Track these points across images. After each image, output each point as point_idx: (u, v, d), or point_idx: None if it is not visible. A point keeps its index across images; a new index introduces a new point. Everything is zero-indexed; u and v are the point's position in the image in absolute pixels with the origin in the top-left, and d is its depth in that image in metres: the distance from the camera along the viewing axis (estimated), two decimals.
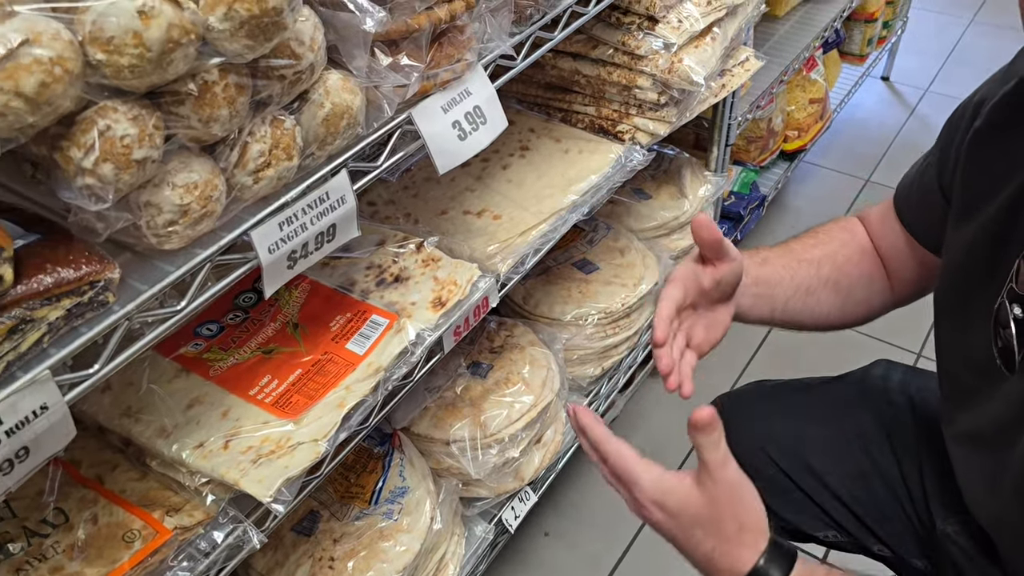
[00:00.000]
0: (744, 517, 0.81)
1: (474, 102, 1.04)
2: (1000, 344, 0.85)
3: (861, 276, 1.10)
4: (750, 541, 0.80)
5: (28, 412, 0.68)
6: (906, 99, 3.28)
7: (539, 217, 1.33)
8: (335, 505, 1.35)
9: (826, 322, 1.13)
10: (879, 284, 1.10)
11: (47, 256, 0.71)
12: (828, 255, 1.10)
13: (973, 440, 0.95)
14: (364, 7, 0.85)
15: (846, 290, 1.10)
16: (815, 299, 1.09)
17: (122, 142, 0.69)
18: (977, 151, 0.90)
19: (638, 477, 0.82)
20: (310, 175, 0.89)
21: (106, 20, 0.64)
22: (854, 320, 1.13)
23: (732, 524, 0.80)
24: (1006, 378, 0.84)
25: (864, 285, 1.10)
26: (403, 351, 1.04)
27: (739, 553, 0.80)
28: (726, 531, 0.80)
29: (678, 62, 1.44)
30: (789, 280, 1.09)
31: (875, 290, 1.10)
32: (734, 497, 0.81)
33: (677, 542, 0.84)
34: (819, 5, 2.45)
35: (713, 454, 0.79)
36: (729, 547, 0.80)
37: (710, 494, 0.80)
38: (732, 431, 1.27)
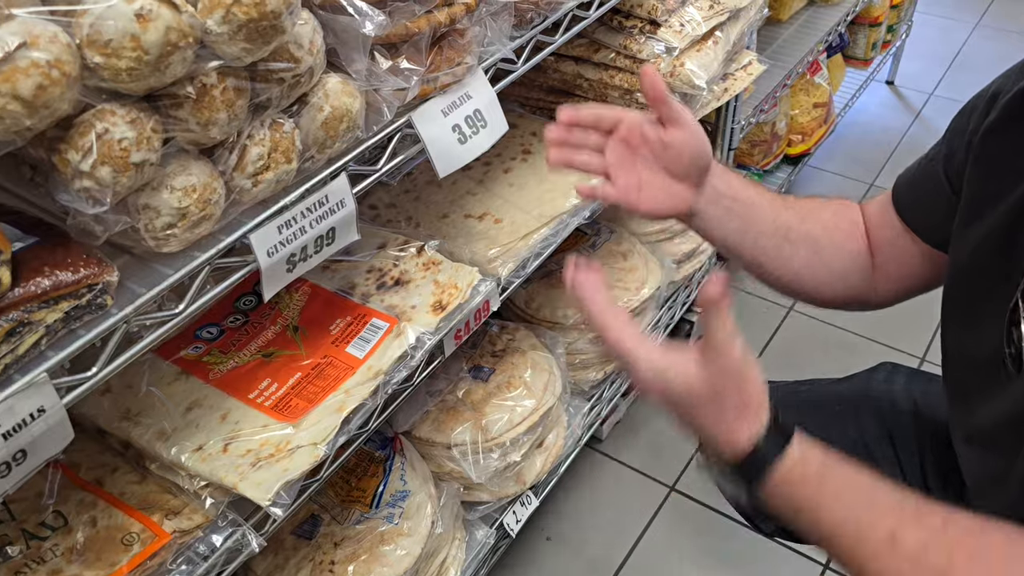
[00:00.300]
0: (746, 394, 0.79)
1: (474, 106, 1.03)
2: (1013, 346, 0.84)
3: (844, 247, 1.06)
4: (750, 417, 0.79)
5: (25, 415, 0.68)
6: (911, 103, 3.27)
7: (540, 221, 1.33)
8: (336, 509, 1.35)
9: (795, 280, 1.08)
10: (862, 264, 1.06)
11: (45, 259, 0.72)
12: (815, 213, 1.07)
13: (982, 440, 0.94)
14: (363, 11, 0.85)
15: (827, 254, 1.06)
16: (790, 248, 1.04)
17: (120, 145, 0.69)
18: (990, 146, 0.89)
19: (636, 359, 0.80)
20: (309, 178, 0.89)
21: (104, 23, 0.64)
22: (827, 293, 1.08)
23: (733, 400, 0.79)
24: (1016, 378, 0.84)
25: (845, 258, 1.06)
26: (403, 355, 1.04)
27: (738, 428, 0.79)
28: (726, 408, 0.79)
29: (680, 66, 1.43)
30: (770, 217, 1.04)
31: (855, 268, 1.06)
32: (737, 374, 0.79)
33: (679, 418, 0.83)
34: (823, 9, 2.45)
35: (720, 331, 0.77)
36: (728, 423, 0.79)
37: (714, 370, 0.78)
38: None
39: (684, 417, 0.81)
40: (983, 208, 0.89)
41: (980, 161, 0.90)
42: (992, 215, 0.88)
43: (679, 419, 0.82)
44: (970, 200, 0.92)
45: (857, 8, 2.51)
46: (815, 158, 2.82)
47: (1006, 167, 0.86)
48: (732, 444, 0.79)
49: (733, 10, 1.55)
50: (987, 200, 0.88)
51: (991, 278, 0.87)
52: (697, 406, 0.79)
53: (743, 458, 0.79)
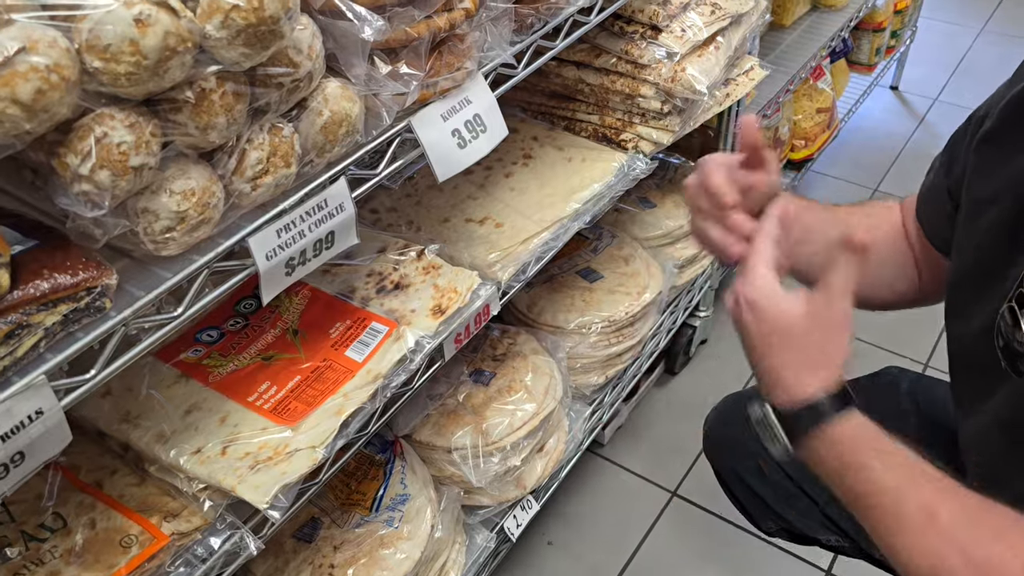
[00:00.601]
0: (831, 349, 0.81)
1: (474, 110, 1.04)
2: (1002, 344, 0.84)
3: (893, 255, 1.09)
4: (822, 374, 0.80)
5: (24, 417, 0.69)
6: (915, 108, 3.27)
7: (541, 225, 1.33)
8: (336, 512, 1.35)
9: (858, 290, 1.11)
10: (909, 270, 1.09)
11: (45, 262, 0.72)
12: (865, 225, 1.10)
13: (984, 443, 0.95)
14: (363, 16, 0.86)
15: (875, 264, 1.08)
16: None
17: (119, 149, 0.69)
18: (987, 150, 0.90)
19: (754, 275, 0.83)
20: (309, 182, 0.89)
21: (103, 28, 0.64)
22: (878, 300, 1.11)
23: (815, 350, 0.80)
24: (1013, 380, 0.84)
25: (894, 265, 1.09)
26: (402, 358, 1.04)
27: (807, 378, 0.80)
28: (806, 352, 0.80)
29: (681, 71, 1.44)
30: (820, 237, 1.06)
31: (903, 275, 1.09)
32: (834, 328, 0.80)
33: (751, 345, 0.84)
34: (826, 15, 2.45)
35: (843, 279, 0.79)
36: (801, 370, 0.80)
37: (814, 311, 0.80)
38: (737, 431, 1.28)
39: (761, 346, 0.82)
40: (979, 211, 0.90)
41: (976, 165, 0.91)
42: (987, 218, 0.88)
43: (756, 347, 0.83)
44: (967, 204, 0.93)
45: (861, 14, 2.51)
46: (818, 163, 2.82)
47: (1001, 172, 0.86)
48: (798, 389, 0.80)
49: (735, 15, 1.55)
50: (983, 203, 0.89)
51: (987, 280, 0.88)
52: (784, 337, 0.80)
53: (802, 406, 0.79)
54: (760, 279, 0.83)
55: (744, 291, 0.83)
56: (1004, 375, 0.84)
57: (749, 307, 0.83)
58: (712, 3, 1.52)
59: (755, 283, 0.83)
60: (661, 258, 1.85)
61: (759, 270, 0.83)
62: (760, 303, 0.82)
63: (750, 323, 0.83)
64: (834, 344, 0.81)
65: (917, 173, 1.08)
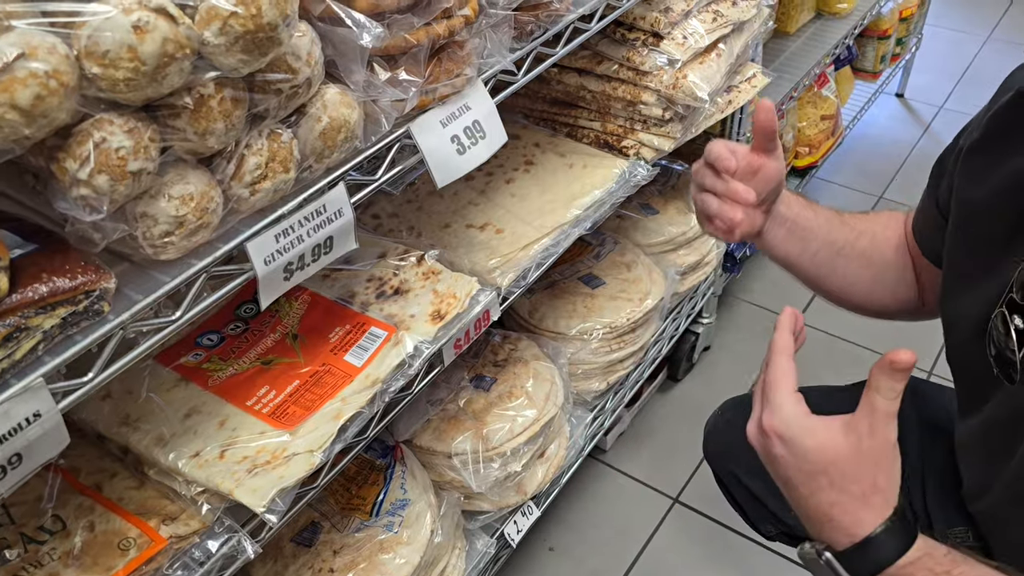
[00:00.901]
0: (882, 480, 0.74)
1: (473, 116, 1.04)
2: (994, 352, 0.85)
3: (896, 261, 1.10)
4: (878, 505, 0.74)
5: (21, 419, 0.69)
6: (921, 116, 3.27)
7: (542, 231, 1.34)
8: (336, 516, 1.35)
9: (850, 291, 1.12)
10: (909, 277, 1.10)
11: (43, 266, 0.73)
12: (870, 231, 1.11)
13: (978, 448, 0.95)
14: (361, 23, 0.86)
15: (878, 267, 1.10)
16: (844, 261, 1.10)
17: (117, 154, 0.70)
18: (974, 159, 0.91)
19: (781, 402, 0.76)
20: (307, 187, 0.90)
21: (101, 35, 0.65)
22: (879, 304, 1.12)
23: (867, 483, 0.74)
24: (1006, 387, 0.84)
25: (895, 270, 1.10)
26: (401, 363, 1.05)
27: (862, 515, 0.74)
28: (857, 489, 0.74)
29: (682, 78, 1.44)
30: (826, 233, 1.09)
31: (904, 280, 1.10)
32: (882, 457, 0.74)
33: (790, 483, 0.77)
34: (831, 22, 2.45)
35: (889, 404, 0.73)
36: (854, 506, 0.74)
37: (859, 445, 0.73)
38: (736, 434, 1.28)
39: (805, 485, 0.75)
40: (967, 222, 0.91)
41: (963, 177, 0.92)
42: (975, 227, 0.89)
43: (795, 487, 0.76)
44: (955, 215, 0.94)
45: (865, 21, 2.52)
46: (823, 170, 2.82)
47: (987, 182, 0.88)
48: (856, 528, 0.74)
49: (737, 23, 1.55)
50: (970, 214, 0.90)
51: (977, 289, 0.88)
52: (831, 475, 0.74)
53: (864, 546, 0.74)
54: (788, 408, 0.76)
55: (772, 424, 0.76)
56: (997, 382, 0.84)
57: (782, 442, 0.76)
58: (714, 10, 1.52)
59: (783, 414, 0.76)
60: (663, 264, 1.85)
61: (783, 397, 0.76)
62: (795, 438, 0.75)
63: (784, 459, 0.76)
64: (885, 474, 0.74)
65: (922, 181, 1.09)
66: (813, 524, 0.78)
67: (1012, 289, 0.82)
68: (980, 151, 0.90)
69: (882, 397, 0.73)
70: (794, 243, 1.08)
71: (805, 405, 0.77)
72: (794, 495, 0.78)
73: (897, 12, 2.86)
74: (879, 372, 0.73)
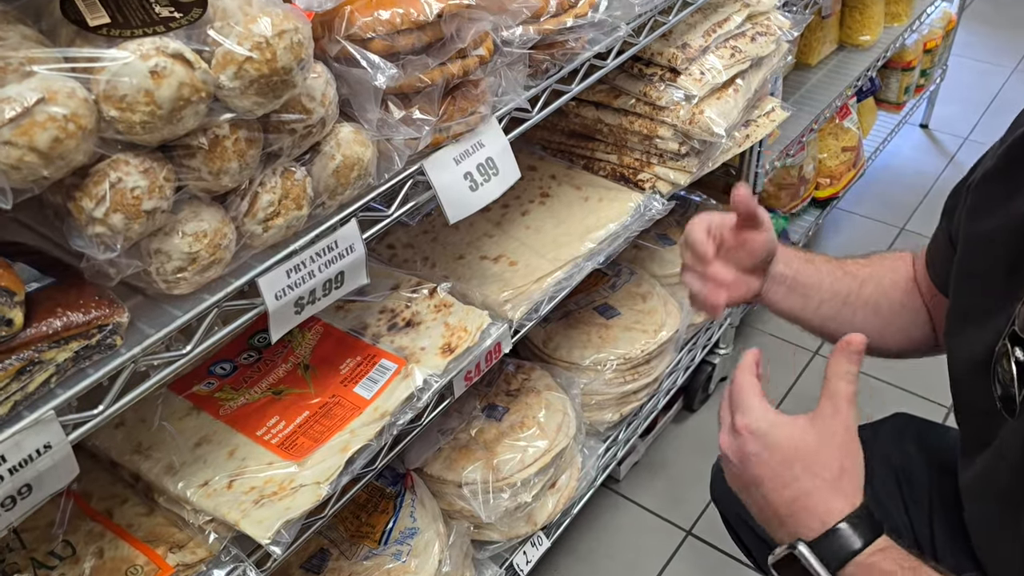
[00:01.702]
0: (848, 463, 0.78)
1: (487, 154, 1.05)
2: (999, 390, 0.84)
3: (904, 305, 1.10)
4: (848, 491, 0.77)
5: (32, 450, 0.71)
6: (945, 147, 3.24)
7: (555, 264, 1.34)
8: (345, 544, 1.36)
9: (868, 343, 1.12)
10: (922, 318, 1.10)
11: (58, 299, 0.74)
12: (875, 276, 1.11)
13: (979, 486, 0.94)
14: (376, 64, 0.88)
15: (886, 313, 1.10)
16: (850, 311, 1.10)
17: (132, 194, 0.72)
18: (986, 189, 0.91)
19: (750, 404, 0.81)
20: (320, 224, 0.91)
21: (119, 79, 0.67)
22: (894, 347, 1.12)
23: (835, 467, 0.77)
24: (1008, 423, 0.83)
25: (908, 313, 1.10)
26: (410, 396, 1.05)
27: (833, 501, 0.76)
28: (827, 473, 0.77)
29: (699, 114, 1.45)
30: (828, 285, 1.10)
31: (917, 322, 1.10)
32: (847, 439, 0.78)
33: (762, 482, 0.80)
34: (853, 54, 2.45)
35: (848, 385, 0.77)
36: (826, 492, 0.77)
37: (824, 429, 0.78)
38: None
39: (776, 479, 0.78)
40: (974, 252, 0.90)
41: (972, 208, 0.92)
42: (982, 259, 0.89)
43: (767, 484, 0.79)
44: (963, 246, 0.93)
45: (889, 53, 2.51)
46: (845, 201, 2.80)
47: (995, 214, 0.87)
48: (829, 515, 0.76)
49: (755, 58, 1.56)
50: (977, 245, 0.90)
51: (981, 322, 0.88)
52: (797, 460, 0.77)
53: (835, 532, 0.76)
54: (757, 407, 0.81)
55: (746, 423, 0.81)
56: (999, 418, 0.84)
57: (755, 438, 0.80)
58: (732, 46, 1.53)
59: (754, 413, 0.81)
60: (679, 296, 1.84)
61: (752, 400, 0.82)
62: (768, 432, 0.80)
63: (758, 455, 0.80)
64: (851, 458, 0.78)
65: None
66: (784, 520, 0.79)
67: (1015, 323, 0.82)
68: (990, 184, 0.89)
69: (842, 381, 0.78)
70: (796, 299, 1.09)
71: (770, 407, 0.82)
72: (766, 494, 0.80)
73: (922, 44, 2.85)
74: (837, 357, 0.78)
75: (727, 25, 1.53)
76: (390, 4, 0.89)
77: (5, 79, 0.65)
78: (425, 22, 0.90)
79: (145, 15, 0.72)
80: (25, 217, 0.86)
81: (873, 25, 2.44)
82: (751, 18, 1.59)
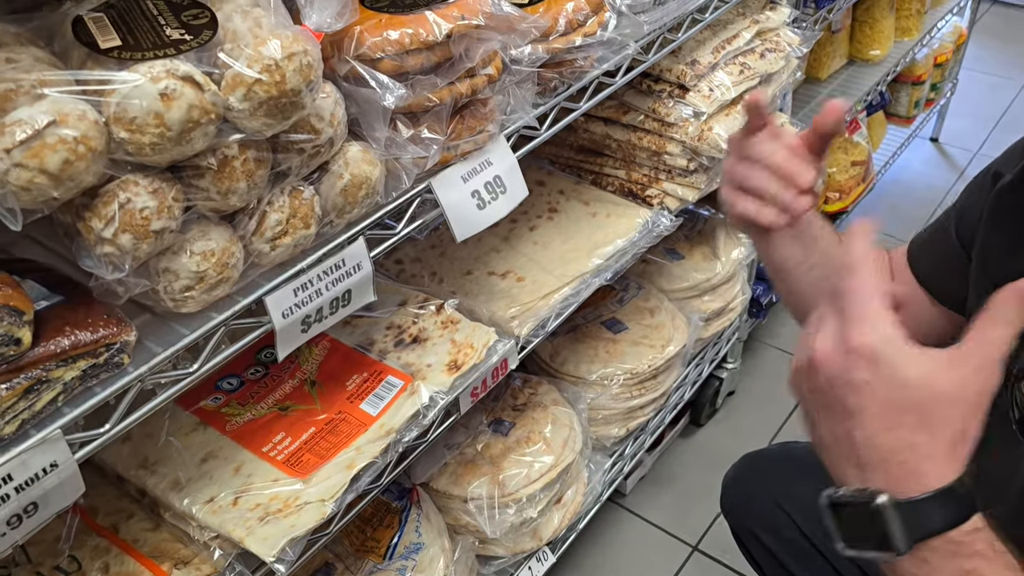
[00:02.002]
0: (972, 429, 0.62)
1: (495, 172, 1.06)
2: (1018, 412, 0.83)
3: None
4: (960, 457, 0.62)
5: (38, 469, 0.71)
6: (955, 161, 3.23)
7: (562, 280, 1.34)
8: (350, 558, 1.36)
9: None
10: None
11: (67, 318, 0.75)
12: None
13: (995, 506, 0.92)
14: (385, 84, 0.88)
15: None
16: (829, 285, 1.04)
17: (141, 214, 0.72)
18: (1002, 205, 0.89)
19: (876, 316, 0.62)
20: (328, 242, 0.91)
21: (130, 102, 0.67)
22: None
23: (959, 429, 0.62)
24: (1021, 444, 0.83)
25: None
26: (415, 413, 1.06)
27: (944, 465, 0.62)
28: (947, 432, 0.62)
29: (708, 130, 1.45)
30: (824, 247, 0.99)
31: None
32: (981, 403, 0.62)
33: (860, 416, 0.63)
34: (863, 68, 2.45)
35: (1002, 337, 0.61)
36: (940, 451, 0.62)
37: (963, 383, 0.61)
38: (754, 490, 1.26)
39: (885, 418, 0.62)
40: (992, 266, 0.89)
41: (991, 219, 0.90)
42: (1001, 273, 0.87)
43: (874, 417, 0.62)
44: (979, 259, 0.92)
45: (899, 67, 2.50)
46: (855, 214, 2.79)
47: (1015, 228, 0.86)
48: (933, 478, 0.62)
49: (764, 75, 1.56)
50: (996, 258, 0.89)
51: None
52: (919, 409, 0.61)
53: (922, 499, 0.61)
54: (885, 323, 0.62)
55: (868, 341, 0.62)
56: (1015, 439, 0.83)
57: (873, 365, 0.62)
58: (741, 63, 1.53)
59: (882, 332, 0.62)
60: (687, 310, 1.84)
61: (879, 312, 0.63)
62: (895, 363, 0.62)
63: (870, 384, 0.62)
64: (977, 424, 0.63)
65: None
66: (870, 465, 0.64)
67: None
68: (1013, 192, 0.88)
69: (999, 327, 0.62)
70: (797, 248, 0.98)
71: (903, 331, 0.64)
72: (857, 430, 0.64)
73: (932, 58, 2.85)
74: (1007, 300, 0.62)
75: (736, 42, 1.53)
76: (399, 24, 0.89)
77: (17, 101, 0.65)
78: (434, 42, 0.90)
79: (156, 38, 0.72)
80: (36, 233, 0.86)
81: (883, 40, 2.44)
82: (760, 35, 1.59)
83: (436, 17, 0.90)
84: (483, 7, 0.94)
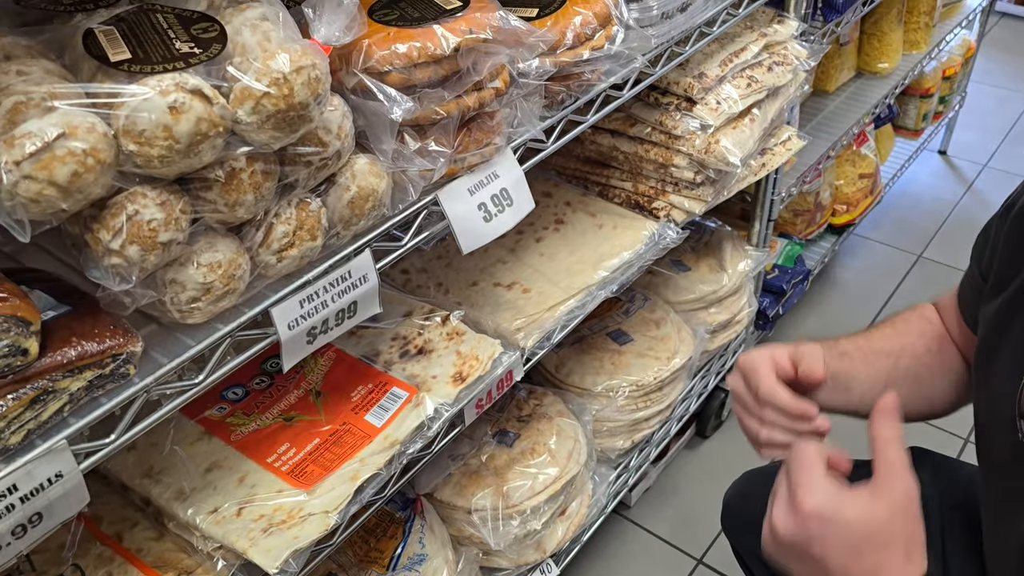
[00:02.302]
0: (915, 530, 0.76)
1: (501, 184, 1.06)
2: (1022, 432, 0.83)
3: (942, 367, 1.06)
4: (917, 559, 0.75)
5: (43, 479, 0.71)
6: (964, 174, 3.22)
7: (568, 292, 1.34)
8: (353, 569, 1.36)
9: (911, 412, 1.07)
10: (963, 374, 1.07)
11: (74, 329, 0.75)
12: (907, 346, 1.07)
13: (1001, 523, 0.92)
14: (393, 97, 0.89)
15: (926, 382, 1.07)
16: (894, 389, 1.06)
17: (149, 226, 0.72)
18: (1016, 226, 0.90)
19: (817, 482, 0.77)
20: (334, 254, 0.92)
21: (139, 115, 0.68)
22: (942, 409, 1.09)
23: (906, 536, 0.75)
24: None
25: (946, 377, 1.06)
26: (420, 425, 1.06)
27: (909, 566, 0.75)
28: (898, 545, 0.75)
29: (715, 143, 1.45)
30: (866, 375, 1.06)
31: (959, 381, 1.07)
32: (910, 507, 0.76)
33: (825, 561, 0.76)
34: (871, 81, 2.44)
35: (899, 451, 0.76)
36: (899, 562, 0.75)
37: (891, 501, 0.76)
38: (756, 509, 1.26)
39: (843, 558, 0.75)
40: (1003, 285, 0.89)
41: (1005, 240, 0.90)
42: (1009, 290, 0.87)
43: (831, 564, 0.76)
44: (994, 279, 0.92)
45: (907, 80, 2.50)
46: (862, 227, 2.79)
47: None
48: None
49: (772, 88, 1.56)
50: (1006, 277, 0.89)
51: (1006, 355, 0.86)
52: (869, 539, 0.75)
53: None
54: (825, 486, 0.77)
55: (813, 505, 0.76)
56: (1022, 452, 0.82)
57: (822, 522, 0.76)
58: (749, 76, 1.53)
59: (821, 492, 0.77)
60: (693, 322, 1.84)
61: (818, 477, 0.78)
62: (837, 513, 0.76)
63: (824, 538, 0.76)
64: (917, 524, 0.76)
65: (964, 240, 1.06)
66: None
67: None
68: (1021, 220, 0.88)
69: (892, 448, 0.77)
70: (838, 396, 1.05)
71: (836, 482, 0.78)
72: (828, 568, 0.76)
73: (940, 71, 2.84)
74: (877, 424, 0.77)
75: (744, 55, 1.53)
76: (407, 38, 0.89)
77: (27, 114, 0.66)
78: (442, 56, 0.91)
79: (166, 51, 0.73)
80: (45, 243, 0.87)
81: (891, 52, 2.44)
82: (768, 48, 1.59)
83: (444, 31, 0.91)
84: (491, 21, 0.94)
